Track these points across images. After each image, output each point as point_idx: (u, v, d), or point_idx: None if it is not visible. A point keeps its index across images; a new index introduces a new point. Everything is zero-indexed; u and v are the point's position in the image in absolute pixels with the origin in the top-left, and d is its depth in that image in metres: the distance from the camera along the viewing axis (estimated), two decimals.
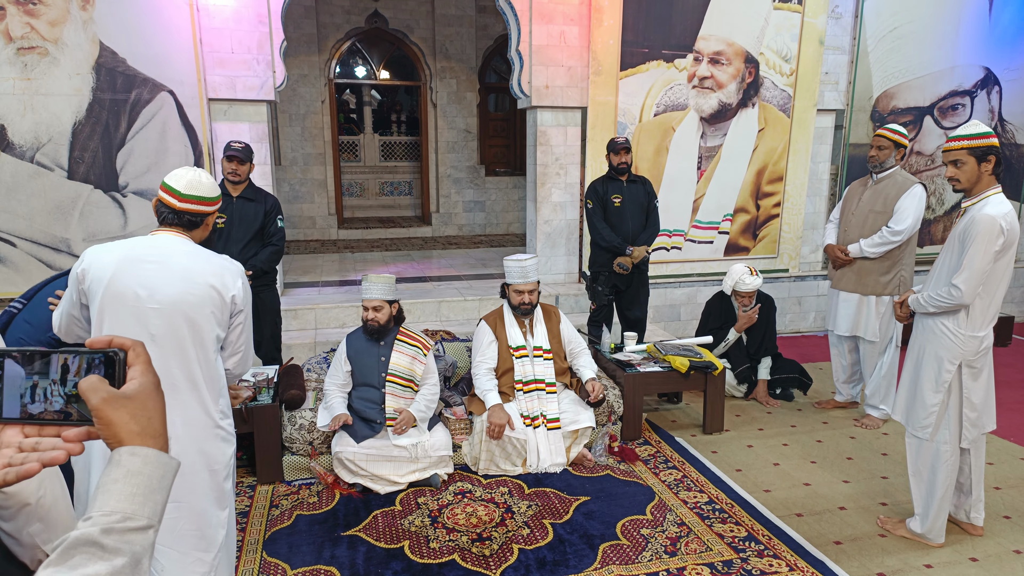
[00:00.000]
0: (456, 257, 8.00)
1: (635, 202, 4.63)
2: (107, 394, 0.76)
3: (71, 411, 0.78)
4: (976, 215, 2.73)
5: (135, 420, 0.77)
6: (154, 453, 0.77)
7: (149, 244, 2.04)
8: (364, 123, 11.72)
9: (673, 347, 4.32)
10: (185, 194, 2.06)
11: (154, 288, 1.97)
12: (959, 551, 2.92)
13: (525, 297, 3.72)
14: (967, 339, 2.81)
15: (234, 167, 3.89)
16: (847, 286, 4.27)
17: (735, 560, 2.83)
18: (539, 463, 3.57)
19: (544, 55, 5.52)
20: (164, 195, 2.08)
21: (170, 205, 2.06)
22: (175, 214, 2.07)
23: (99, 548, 0.70)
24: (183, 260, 2.02)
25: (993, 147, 2.71)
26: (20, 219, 4.71)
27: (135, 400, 0.78)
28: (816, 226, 6.54)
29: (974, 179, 2.76)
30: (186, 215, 2.08)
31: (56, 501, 1.25)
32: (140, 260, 1.99)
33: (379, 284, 3.48)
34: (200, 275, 2.02)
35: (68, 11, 4.54)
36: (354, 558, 2.82)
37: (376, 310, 3.46)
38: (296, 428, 3.49)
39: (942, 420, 2.89)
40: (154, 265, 1.99)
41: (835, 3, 6.06)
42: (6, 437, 0.80)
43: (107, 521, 0.71)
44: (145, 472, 0.75)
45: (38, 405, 0.78)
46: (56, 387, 0.78)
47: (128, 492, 0.74)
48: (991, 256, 2.70)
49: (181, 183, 2.06)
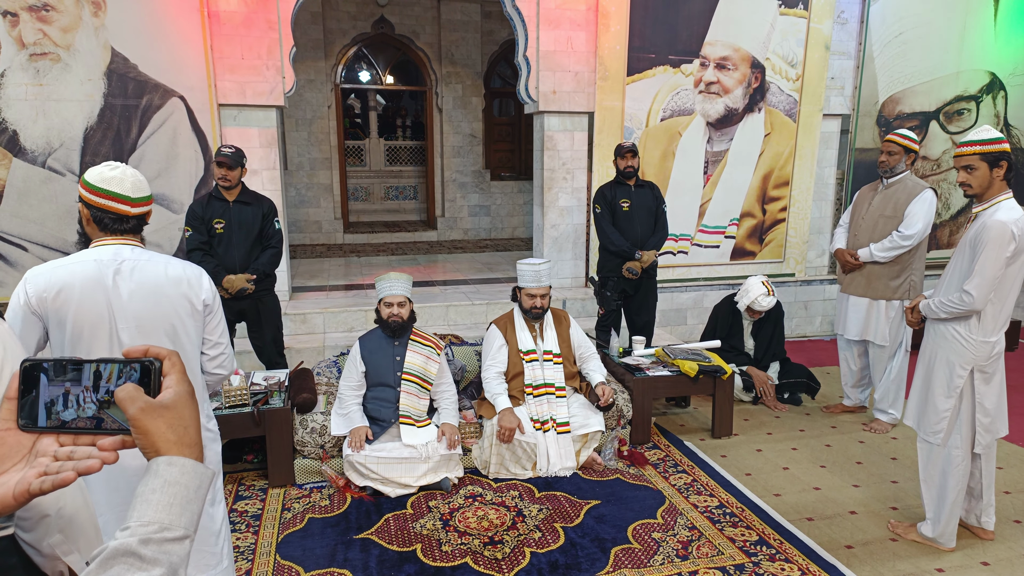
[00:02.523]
0: (462, 261, 8.02)
1: (643, 207, 4.65)
2: (144, 403, 0.77)
3: (103, 417, 0.78)
4: (988, 221, 2.73)
5: (172, 429, 0.78)
6: (191, 463, 0.78)
7: (101, 259, 1.90)
8: (370, 128, 11.76)
9: (682, 351, 4.33)
10: (136, 198, 1.93)
11: (124, 309, 1.89)
12: (970, 555, 2.93)
13: (537, 301, 3.74)
14: (979, 344, 2.82)
15: (224, 172, 3.84)
16: (857, 290, 4.28)
17: (747, 564, 2.83)
18: (549, 467, 3.58)
19: (551, 60, 5.55)
20: (107, 202, 1.89)
21: (120, 212, 1.91)
22: (124, 220, 1.93)
23: (137, 559, 0.70)
24: (148, 273, 1.93)
25: (1006, 152, 2.72)
26: (31, 223, 4.74)
27: (172, 409, 0.78)
28: (822, 230, 6.55)
29: (986, 184, 2.76)
30: (135, 219, 1.95)
31: (78, 512, 1.24)
32: (103, 279, 1.88)
33: (400, 281, 3.52)
34: (170, 286, 1.95)
35: (80, 17, 4.58)
36: (367, 561, 2.83)
37: (400, 306, 3.49)
38: (307, 432, 3.51)
39: (953, 425, 2.89)
40: (119, 283, 1.89)
41: (841, 8, 6.08)
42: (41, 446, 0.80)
43: (145, 531, 0.72)
44: (182, 482, 0.76)
45: (70, 412, 0.78)
46: (88, 394, 0.78)
47: (166, 502, 0.74)
48: (1003, 262, 2.71)
49: (126, 187, 1.91)
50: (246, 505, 3.31)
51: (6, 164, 4.62)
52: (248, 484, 3.53)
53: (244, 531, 3.07)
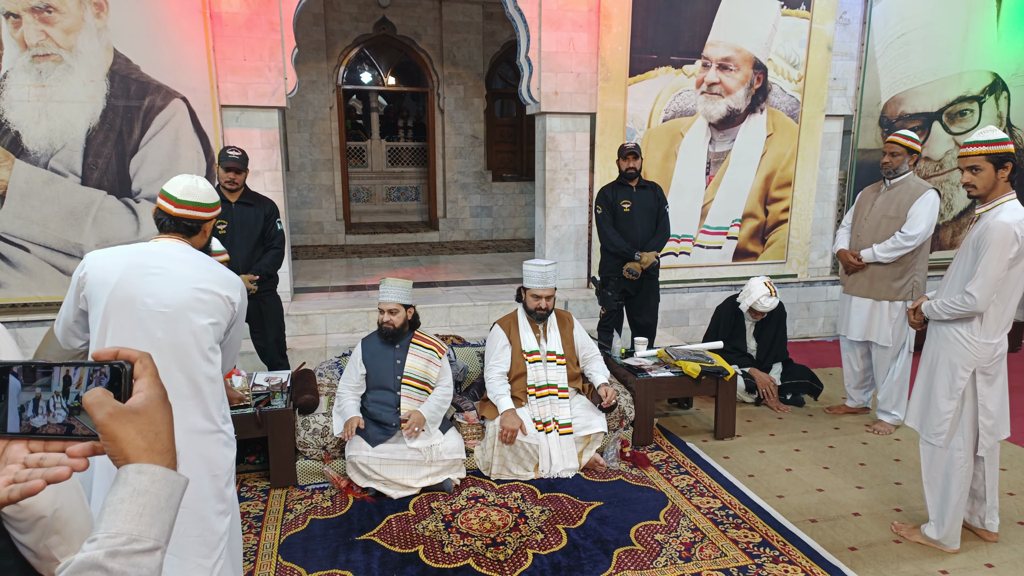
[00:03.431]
0: (464, 262, 8.02)
1: (645, 208, 4.64)
2: (112, 408, 0.73)
3: (74, 423, 0.75)
4: (991, 222, 2.72)
5: (142, 435, 0.74)
6: (162, 471, 0.74)
7: (152, 251, 2.05)
8: (371, 129, 11.76)
9: (684, 352, 4.32)
10: (181, 200, 2.07)
11: (160, 295, 1.98)
12: (975, 557, 2.92)
13: (542, 303, 3.73)
14: (981, 346, 2.81)
15: (231, 176, 3.89)
16: (860, 291, 4.27)
17: (750, 566, 2.82)
18: (551, 468, 3.58)
19: (553, 61, 5.55)
20: (162, 202, 2.09)
21: (167, 211, 2.08)
22: (172, 220, 2.08)
23: (105, 572, 0.67)
24: (187, 267, 2.04)
25: (1010, 153, 2.72)
26: (34, 225, 4.75)
27: (142, 414, 0.75)
28: (825, 231, 6.54)
29: (990, 185, 2.75)
30: (183, 221, 2.09)
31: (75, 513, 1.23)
32: (145, 266, 1.99)
33: (395, 288, 3.51)
34: (206, 282, 2.03)
35: (83, 19, 4.59)
36: (369, 563, 2.83)
37: (392, 313, 3.48)
38: (310, 433, 3.51)
39: (956, 427, 2.89)
40: (159, 272, 2.00)
41: (843, 9, 6.07)
42: (11, 453, 0.77)
43: (113, 543, 0.69)
44: (152, 491, 0.73)
45: (40, 418, 0.76)
46: (59, 399, 0.75)
47: (135, 512, 0.71)
48: (1005, 263, 2.70)
49: (177, 189, 2.08)
50: (248, 506, 3.30)
51: (8, 165, 4.63)
52: (250, 485, 3.53)
53: (246, 532, 3.06)
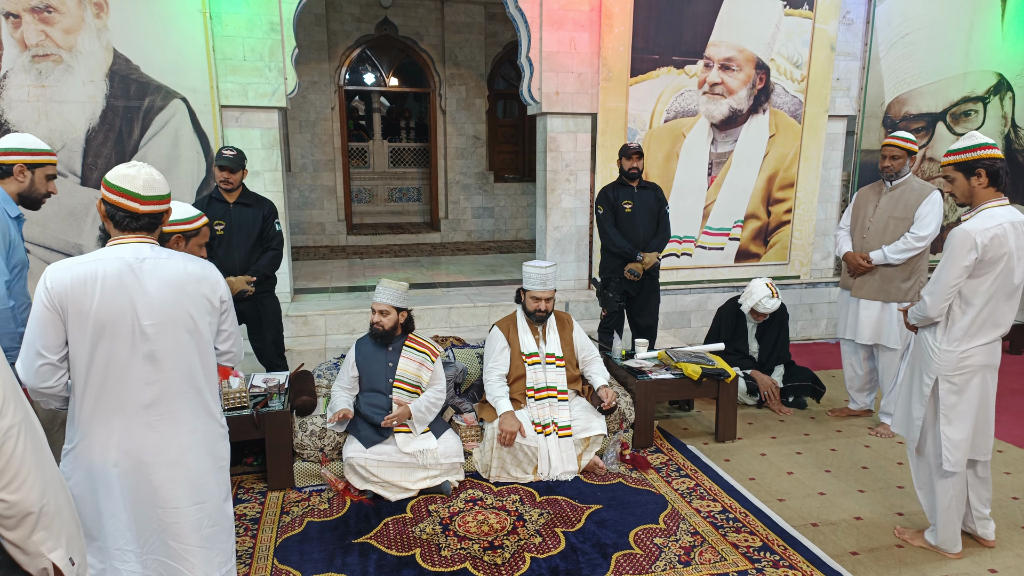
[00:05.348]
0: (465, 263, 8.00)
1: (646, 208, 4.61)
2: None
3: None
4: (955, 228, 2.70)
5: None
6: None
7: (123, 257, 1.90)
8: (373, 129, 11.76)
9: (685, 354, 4.29)
10: (146, 196, 1.93)
11: (149, 305, 1.90)
12: (977, 562, 2.88)
13: (542, 304, 3.71)
14: (943, 353, 2.77)
15: (226, 175, 3.86)
16: (869, 294, 4.22)
17: (750, 571, 2.79)
18: (550, 471, 3.55)
19: (554, 61, 5.52)
20: (119, 199, 1.91)
21: (132, 210, 1.92)
22: (134, 218, 1.93)
23: None
24: (166, 270, 1.94)
25: (980, 160, 2.65)
26: (34, 225, 4.73)
27: None
28: (827, 233, 6.50)
29: (968, 193, 2.72)
30: (147, 217, 1.95)
31: (60, 510, 1.26)
32: (123, 277, 1.88)
33: (389, 289, 3.48)
34: (190, 283, 1.97)
35: (83, 19, 4.58)
36: (366, 566, 2.80)
37: (382, 314, 3.46)
38: (307, 434, 3.49)
39: (928, 435, 2.87)
40: (141, 280, 1.89)
41: (846, 9, 6.04)
42: None
43: None
44: None
45: None
46: None
47: None
48: (960, 270, 2.65)
49: (137, 184, 1.92)
50: (245, 508, 3.28)
51: None
52: (247, 487, 3.51)
53: (242, 535, 3.04)
